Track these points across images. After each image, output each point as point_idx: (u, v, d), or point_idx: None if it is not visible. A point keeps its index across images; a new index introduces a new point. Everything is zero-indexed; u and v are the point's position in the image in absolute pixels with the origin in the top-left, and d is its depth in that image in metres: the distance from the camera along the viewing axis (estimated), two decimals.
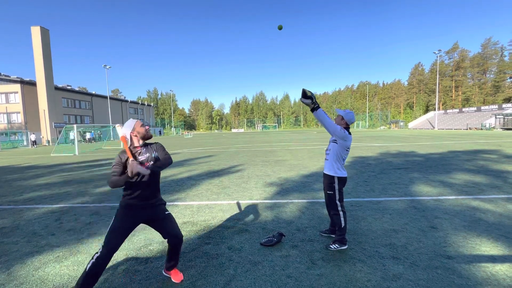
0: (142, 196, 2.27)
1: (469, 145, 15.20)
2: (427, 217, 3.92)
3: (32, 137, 30.91)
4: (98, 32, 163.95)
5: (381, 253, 2.89)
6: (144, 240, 3.41)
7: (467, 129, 47.59)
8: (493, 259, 2.70)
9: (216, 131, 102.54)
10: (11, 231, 3.90)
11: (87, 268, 2.10)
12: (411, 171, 7.42)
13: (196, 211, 4.57)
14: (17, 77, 40.33)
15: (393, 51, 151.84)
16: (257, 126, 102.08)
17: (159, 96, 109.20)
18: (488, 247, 2.95)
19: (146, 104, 76.74)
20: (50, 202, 5.43)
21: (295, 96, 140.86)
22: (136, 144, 2.33)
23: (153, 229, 3.76)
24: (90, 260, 2.14)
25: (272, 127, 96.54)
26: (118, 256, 3.01)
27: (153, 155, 2.33)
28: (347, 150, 3.03)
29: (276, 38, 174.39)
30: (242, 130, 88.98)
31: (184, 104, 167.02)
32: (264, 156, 12.51)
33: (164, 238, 2.37)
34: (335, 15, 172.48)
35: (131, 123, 2.35)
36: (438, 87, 60.48)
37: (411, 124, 66.18)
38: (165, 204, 2.48)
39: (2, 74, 42.66)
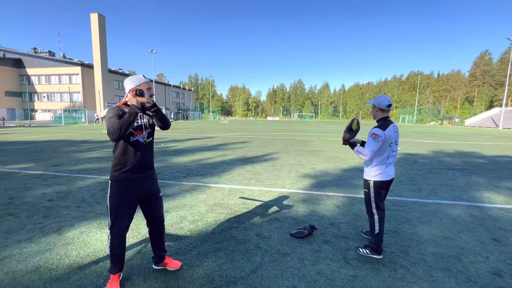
0: (138, 167, 2.03)
1: None
2: (488, 227, 3.36)
3: (96, 115, 35.18)
4: (146, 18, 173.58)
5: (428, 262, 2.54)
6: (176, 218, 3.51)
7: None
8: None
9: (251, 118, 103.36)
10: (65, 196, 4.35)
11: (108, 251, 2.05)
12: (468, 173, 6.50)
13: (227, 194, 4.58)
14: (78, 60, 44.98)
15: (453, 39, 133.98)
16: (293, 115, 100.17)
17: (199, 81, 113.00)
18: None
19: (187, 88, 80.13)
20: (99, 174, 5.94)
21: (335, 85, 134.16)
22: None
23: (186, 209, 3.85)
24: (107, 244, 2.05)
25: (308, 117, 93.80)
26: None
27: (151, 122, 2.14)
28: (390, 146, 2.53)
29: (316, 29, 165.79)
30: (277, 118, 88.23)
31: (222, 90, 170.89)
32: (299, 145, 12.17)
33: (150, 220, 2.21)
34: (383, 3, 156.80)
35: (139, 79, 2.04)
36: (509, 79, 51.89)
37: (468, 121, 58.48)
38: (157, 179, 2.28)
39: (66, 57, 47.96)
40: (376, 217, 2.62)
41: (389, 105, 2.56)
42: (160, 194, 2.24)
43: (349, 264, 2.49)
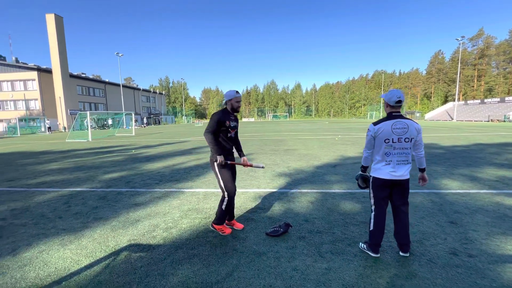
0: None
1: (492, 137, 14.39)
2: (446, 211, 3.67)
3: (47, 123, 31.97)
4: (111, 20, 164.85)
5: (395, 248, 2.70)
6: (148, 227, 3.37)
7: (488, 121, 45.29)
8: None
9: None
10: (21, 213, 3.96)
11: (224, 207, 2.97)
12: (428, 163, 7.05)
13: (202, 198, 4.49)
14: (34, 65, 41.30)
15: (412, 39, 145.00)
16: (268, 116, 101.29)
17: (171, 84, 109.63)
18: None
19: (158, 92, 77.39)
20: (61, 186, 5.51)
21: (307, 85, 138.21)
22: (229, 111, 3.04)
23: (158, 216, 3.71)
24: (224, 202, 2.98)
25: (282, 116, 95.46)
26: (121, 241, 2.97)
27: (237, 125, 3.13)
28: (386, 143, 2.43)
29: (288, 29, 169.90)
30: (252, 120, 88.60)
31: (195, 93, 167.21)
32: (273, 145, 12.32)
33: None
34: (351, 4, 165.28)
35: (231, 93, 2.97)
36: (459, 76, 57.29)
37: (427, 115, 63.63)
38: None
39: (20, 61, 43.85)
40: (372, 213, 2.60)
41: (398, 101, 2.42)
42: None
43: (323, 257, 2.56)
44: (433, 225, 3.24)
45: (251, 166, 3.11)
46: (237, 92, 3.01)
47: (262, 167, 3.22)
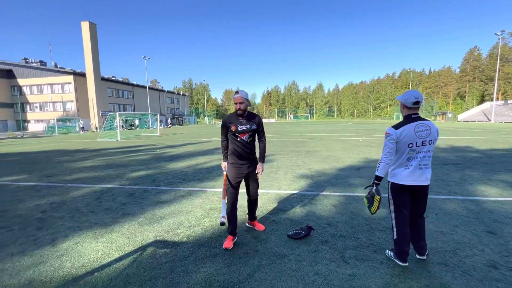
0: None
1: None
2: (483, 220, 3.39)
3: (81, 123, 34.35)
4: (138, 24, 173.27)
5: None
6: (173, 224, 3.48)
7: None
8: None
9: None
10: (59, 207, 4.28)
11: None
12: (462, 168, 6.57)
13: None
14: (70, 69, 44.60)
15: (443, 36, 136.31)
16: (289, 117, 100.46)
17: (194, 86, 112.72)
18: None
19: (181, 93, 79.94)
20: (93, 183, 5.88)
21: (329, 85, 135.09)
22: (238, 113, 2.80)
23: (182, 214, 3.83)
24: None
25: (304, 117, 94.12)
26: (148, 237, 3.10)
27: (252, 127, 2.85)
28: (409, 147, 2.30)
29: (310, 29, 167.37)
30: (273, 120, 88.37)
31: (217, 94, 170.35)
32: (294, 146, 12.19)
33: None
34: (376, 1, 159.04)
35: (234, 94, 2.75)
36: (498, 73, 52.79)
37: (461, 116, 59.31)
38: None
39: (58, 66, 47.56)
40: (393, 221, 2.47)
41: (416, 103, 2.31)
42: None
43: (347, 263, 2.48)
44: (469, 234, 3.01)
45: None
46: (236, 92, 2.75)
47: (221, 222, 2.67)
